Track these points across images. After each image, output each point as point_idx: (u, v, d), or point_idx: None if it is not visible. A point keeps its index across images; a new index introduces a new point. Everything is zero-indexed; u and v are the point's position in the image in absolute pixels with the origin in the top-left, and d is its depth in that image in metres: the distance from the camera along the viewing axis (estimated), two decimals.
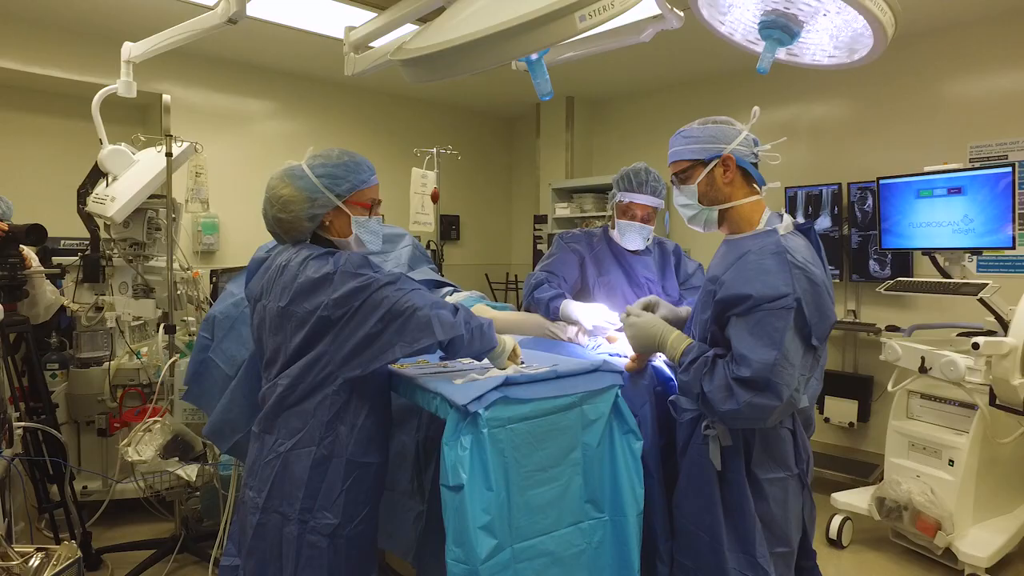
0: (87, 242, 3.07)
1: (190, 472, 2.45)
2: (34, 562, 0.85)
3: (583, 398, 1.40)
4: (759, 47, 1.87)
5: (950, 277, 2.81)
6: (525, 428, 1.30)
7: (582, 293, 2.26)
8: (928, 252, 2.88)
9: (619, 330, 1.93)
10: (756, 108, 1.66)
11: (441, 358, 1.64)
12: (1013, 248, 2.67)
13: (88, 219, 3.05)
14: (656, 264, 2.33)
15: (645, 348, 1.60)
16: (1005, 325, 2.47)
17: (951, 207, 2.71)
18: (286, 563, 1.44)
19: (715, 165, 1.56)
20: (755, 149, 1.63)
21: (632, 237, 2.21)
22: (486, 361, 1.58)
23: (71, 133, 4.29)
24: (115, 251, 2.89)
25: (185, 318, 2.84)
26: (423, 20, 2.04)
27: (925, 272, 3.34)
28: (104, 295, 3.01)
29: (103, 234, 3.02)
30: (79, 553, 0.86)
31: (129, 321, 2.92)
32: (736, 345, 1.37)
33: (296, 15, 3.55)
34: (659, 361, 1.74)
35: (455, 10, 1.30)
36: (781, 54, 1.84)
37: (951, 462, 2.61)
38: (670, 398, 1.63)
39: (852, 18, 1.62)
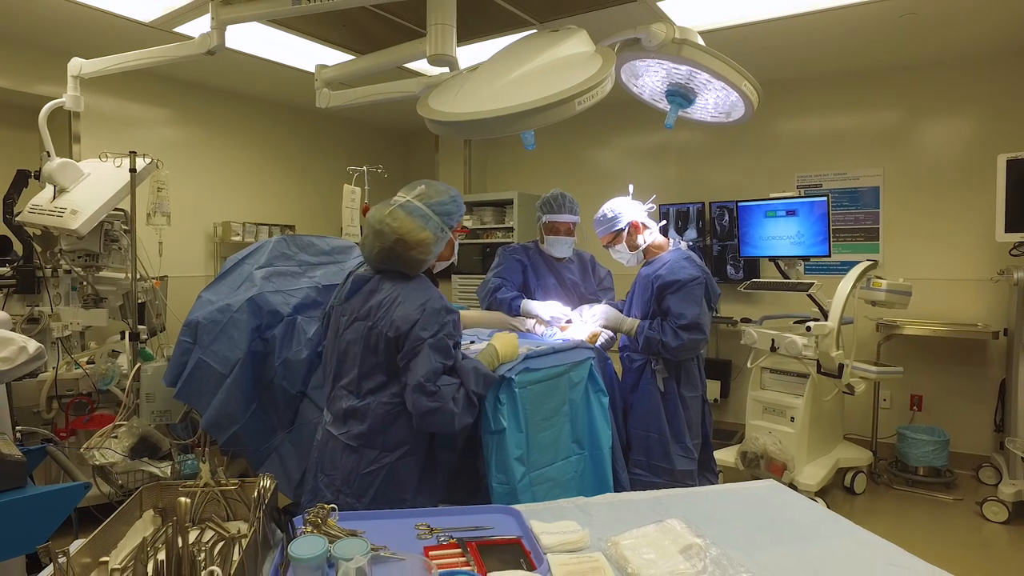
0: None
1: (164, 469, 2.60)
2: (264, 483, 1.12)
3: (571, 367, 1.89)
4: (660, 104, 2.51)
5: (788, 278, 3.65)
6: (537, 388, 1.75)
7: (524, 293, 2.76)
8: (773, 259, 3.72)
9: (568, 322, 2.46)
10: (631, 185, 2.64)
11: None
12: (829, 256, 3.55)
13: (18, 229, 3.02)
14: (578, 270, 2.89)
15: (612, 326, 2.55)
16: (825, 313, 3.32)
17: (788, 225, 3.55)
18: None
19: (625, 231, 2.56)
20: (643, 208, 2.59)
21: (559, 248, 2.75)
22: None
23: None
24: (62, 262, 2.91)
25: (137, 327, 2.94)
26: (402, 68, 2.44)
27: (768, 275, 4.23)
28: (38, 306, 3.01)
29: (36, 245, 3.02)
30: (275, 482, 1.14)
31: (78, 331, 2.95)
32: (675, 308, 2.33)
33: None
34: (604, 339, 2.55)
35: (477, 84, 1.70)
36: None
37: (792, 419, 3.42)
38: (625, 354, 2.61)
39: (731, 92, 2.27)
